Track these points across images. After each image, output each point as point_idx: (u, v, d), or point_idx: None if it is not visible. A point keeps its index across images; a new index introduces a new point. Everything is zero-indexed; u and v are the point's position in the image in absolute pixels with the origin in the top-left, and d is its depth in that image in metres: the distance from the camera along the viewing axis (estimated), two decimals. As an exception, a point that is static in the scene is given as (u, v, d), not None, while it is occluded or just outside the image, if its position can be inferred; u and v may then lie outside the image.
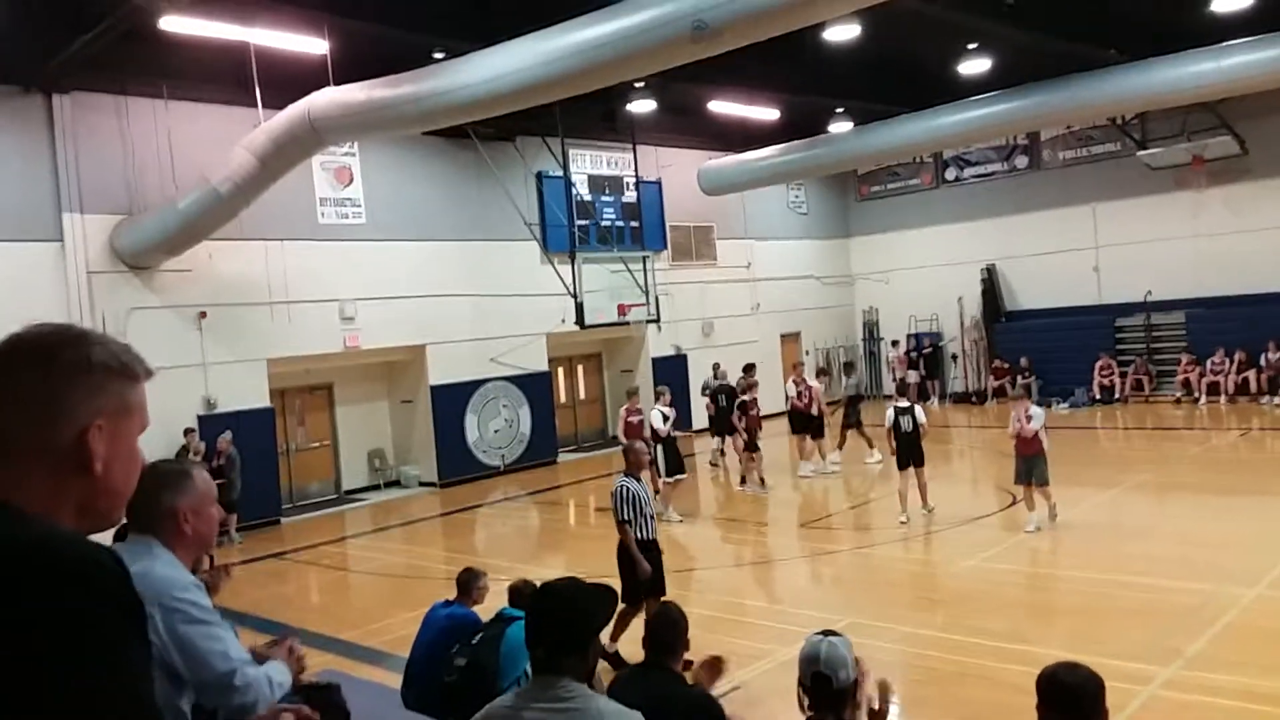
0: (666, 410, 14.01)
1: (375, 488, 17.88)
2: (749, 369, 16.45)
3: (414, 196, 17.60)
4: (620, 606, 6.91)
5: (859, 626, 7.81)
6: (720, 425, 16.51)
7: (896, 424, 12.22)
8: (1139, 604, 8.27)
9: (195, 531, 2.54)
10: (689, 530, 12.91)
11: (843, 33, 13.11)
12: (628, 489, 7.78)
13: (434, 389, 17.76)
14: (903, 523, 11.89)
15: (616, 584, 7.01)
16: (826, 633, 3.33)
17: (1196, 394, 20.43)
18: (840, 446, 16.51)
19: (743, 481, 15.28)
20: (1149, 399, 21.38)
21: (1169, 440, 17.67)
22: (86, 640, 1.18)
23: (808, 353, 24.67)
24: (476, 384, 18.37)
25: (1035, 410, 11.28)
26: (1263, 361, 19.84)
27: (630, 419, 14.86)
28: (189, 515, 2.52)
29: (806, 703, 3.22)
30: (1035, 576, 9.63)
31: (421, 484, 17.91)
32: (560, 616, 2.63)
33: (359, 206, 16.91)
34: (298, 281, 15.87)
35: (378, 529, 15.27)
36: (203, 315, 14.79)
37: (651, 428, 13.95)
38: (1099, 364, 21.79)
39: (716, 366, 18.69)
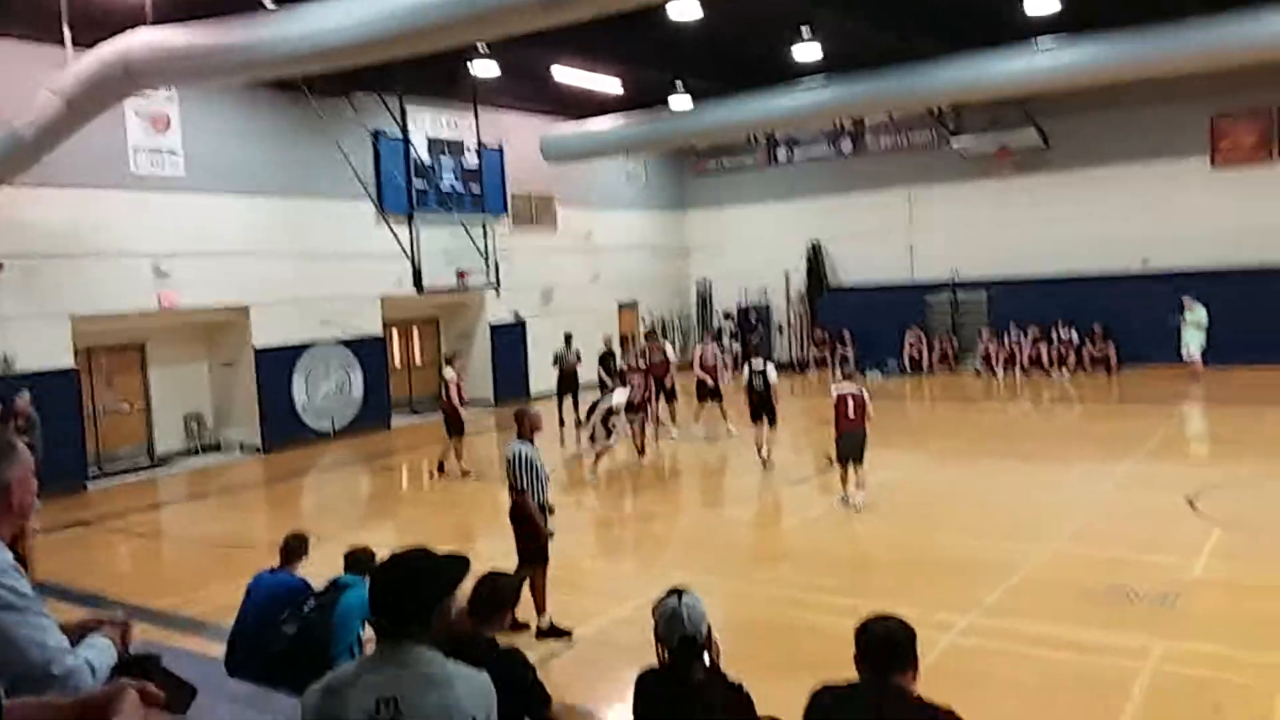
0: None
1: (193, 453, 17.02)
2: (650, 335, 16.71)
3: (239, 148, 16.67)
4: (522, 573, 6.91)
5: (690, 583, 8.11)
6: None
7: (750, 383, 13.34)
8: (945, 560, 8.95)
9: (20, 503, 2.45)
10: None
11: (685, 10, 13.29)
12: (523, 453, 7.48)
13: (258, 351, 17.02)
14: (762, 460, 13.24)
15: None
16: (676, 592, 3.45)
17: (995, 367, 22.09)
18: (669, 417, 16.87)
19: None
20: (953, 370, 22.98)
21: (970, 409, 19.05)
22: None
23: (644, 320, 25.08)
24: (304, 347, 17.72)
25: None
26: (1054, 337, 21.66)
27: (461, 381, 14.69)
28: (16, 487, 2.42)
29: (667, 658, 3.36)
30: (853, 535, 10.25)
31: (244, 449, 17.18)
32: (406, 585, 2.61)
33: (177, 156, 15.89)
34: (107, 233, 14.82)
35: (195, 496, 14.57)
36: (-1, 267, 13.62)
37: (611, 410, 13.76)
38: (909, 337, 23.25)
39: (569, 337, 18.50)
